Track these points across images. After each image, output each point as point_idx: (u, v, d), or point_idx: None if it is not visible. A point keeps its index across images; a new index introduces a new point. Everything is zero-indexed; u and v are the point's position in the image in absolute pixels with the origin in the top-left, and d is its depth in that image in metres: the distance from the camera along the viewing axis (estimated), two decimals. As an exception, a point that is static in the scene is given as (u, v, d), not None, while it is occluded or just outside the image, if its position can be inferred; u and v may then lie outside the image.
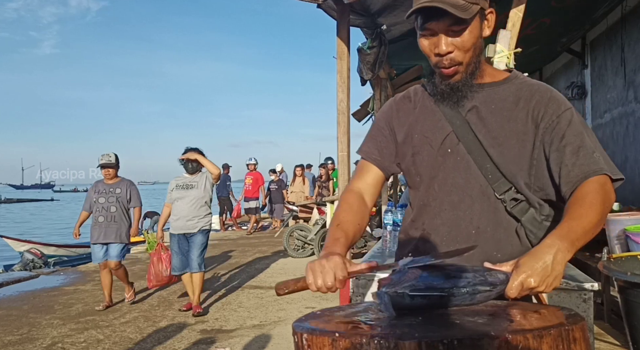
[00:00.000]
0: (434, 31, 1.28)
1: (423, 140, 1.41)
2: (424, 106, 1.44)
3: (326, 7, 3.72)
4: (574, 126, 1.29)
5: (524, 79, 1.40)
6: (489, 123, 1.34)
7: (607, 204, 1.21)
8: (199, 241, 5.36)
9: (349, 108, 3.79)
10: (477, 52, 1.32)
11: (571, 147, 1.26)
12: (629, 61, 6.86)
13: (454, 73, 1.32)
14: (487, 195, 1.33)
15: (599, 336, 3.87)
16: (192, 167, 5.42)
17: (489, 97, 1.36)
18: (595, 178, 1.23)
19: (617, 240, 3.80)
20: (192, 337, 4.53)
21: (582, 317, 1.00)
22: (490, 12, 1.33)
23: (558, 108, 1.31)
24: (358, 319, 1.10)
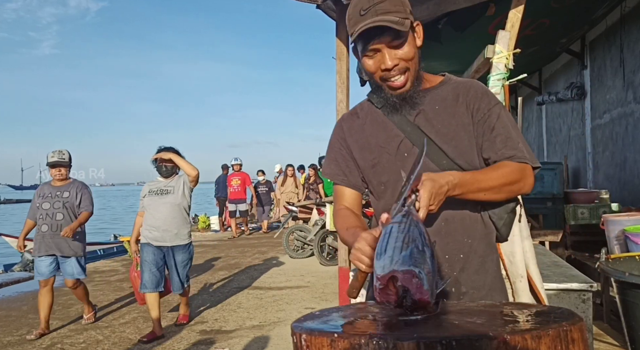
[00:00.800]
0: (377, 49, 1.38)
1: (380, 151, 1.50)
2: (373, 120, 1.53)
3: (325, 8, 3.72)
4: (502, 119, 1.43)
5: (457, 79, 1.53)
6: (437, 122, 1.45)
7: (517, 181, 1.37)
8: (181, 260, 4.69)
9: (348, 108, 3.79)
10: (418, 61, 1.43)
11: (500, 138, 1.41)
12: (628, 62, 6.87)
13: (404, 82, 1.41)
14: None
15: (598, 336, 3.87)
16: (166, 170, 4.71)
17: (432, 99, 1.47)
18: (518, 164, 1.39)
19: (617, 240, 3.80)
20: (192, 337, 4.53)
21: (581, 317, 1.00)
22: (417, 24, 1.44)
23: (489, 103, 1.45)
24: (357, 320, 1.10)
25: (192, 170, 4.64)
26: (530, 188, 1.41)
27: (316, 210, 8.88)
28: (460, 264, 1.41)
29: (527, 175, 1.40)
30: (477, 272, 1.43)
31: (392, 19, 1.33)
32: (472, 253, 1.43)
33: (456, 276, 1.40)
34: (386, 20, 1.33)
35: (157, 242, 4.59)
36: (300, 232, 8.82)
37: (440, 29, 4.86)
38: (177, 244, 4.65)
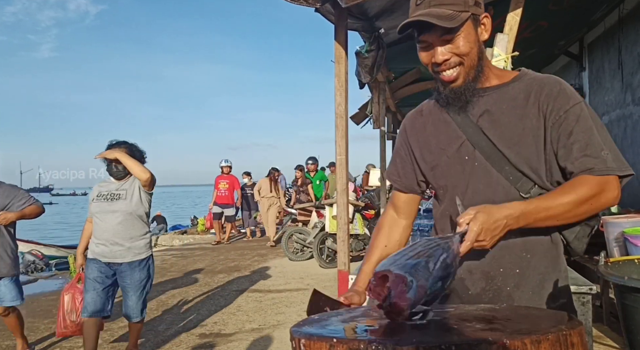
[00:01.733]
0: (429, 43, 1.32)
1: (439, 153, 1.43)
2: (437, 119, 1.45)
3: (324, 11, 3.73)
4: (583, 122, 1.27)
5: (534, 75, 1.39)
6: (502, 124, 1.33)
7: (595, 200, 1.23)
8: (137, 279, 3.79)
9: (347, 111, 3.79)
10: (477, 56, 1.33)
11: (579, 144, 1.26)
12: (626, 64, 6.88)
13: (455, 78, 1.33)
14: (511, 196, 1.31)
15: (598, 339, 3.86)
16: (117, 171, 3.81)
17: (499, 98, 1.36)
18: (597, 177, 1.23)
19: (616, 242, 3.80)
20: (191, 341, 4.52)
21: (580, 321, 1.00)
22: (485, 16, 1.34)
23: (566, 102, 1.29)
24: (356, 324, 1.10)
25: (142, 173, 3.71)
26: (614, 201, 1.27)
27: (315, 212, 8.87)
28: (514, 280, 1.32)
29: (609, 188, 1.25)
30: (534, 291, 1.33)
31: (443, 12, 1.25)
32: (530, 269, 1.32)
33: (509, 292, 1.33)
34: (433, 16, 1.25)
35: (105, 258, 3.74)
36: (300, 235, 8.81)
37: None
38: (131, 260, 3.76)
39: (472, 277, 1.36)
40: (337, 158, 3.80)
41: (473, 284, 1.37)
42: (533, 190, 1.31)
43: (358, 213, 8.12)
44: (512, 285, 1.32)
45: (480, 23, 1.33)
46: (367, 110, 7.48)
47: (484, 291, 1.34)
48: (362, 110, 8.18)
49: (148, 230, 3.94)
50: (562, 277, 1.36)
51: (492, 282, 1.34)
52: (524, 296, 1.31)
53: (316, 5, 3.56)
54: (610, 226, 3.89)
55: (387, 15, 4.35)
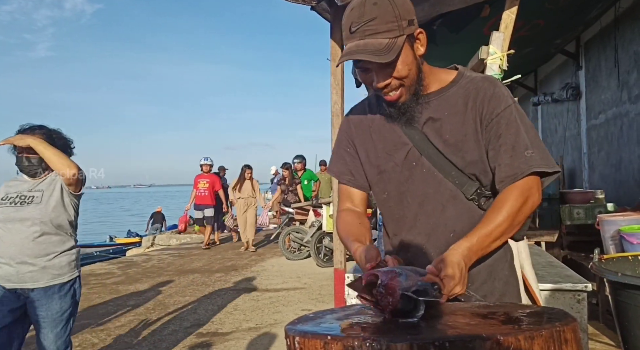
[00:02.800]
0: (367, 68, 1.32)
1: (387, 158, 1.45)
2: (382, 123, 1.47)
3: (320, 9, 3.72)
4: (511, 125, 1.33)
5: (470, 76, 1.42)
6: (445, 131, 1.38)
7: (524, 207, 1.30)
8: (56, 311, 2.81)
9: (343, 110, 3.79)
10: (416, 72, 1.35)
11: (505, 146, 1.32)
12: (622, 62, 6.89)
13: (398, 97, 1.35)
14: (458, 199, 1.39)
15: (594, 336, 3.88)
16: (30, 165, 2.80)
17: (440, 104, 1.39)
18: (522, 182, 1.30)
19: (612, 240, 3.81)
20: (188, 340, 4.52)
21: (574, 318, 1.00)
22: (420, 32, 1.35)
23: (498, 106, 1.34)
24: (350, 322, 1.10)
25: (66, 167, 2.75)
26: (539, 200, 1.33)
27: (312, 211, 8.88)
28: (469, 277, 1.33)
29: (533, 192, 1.31)
30: (485, 281, 1.39)
31: (379, 44, 1.25)
32: (480, 264, 1.36)
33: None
34: (368, 51, 1.25)
35: (10, 282, 2.70)
36: (297, 234, 8.81)
37: (435, 30, 4.87)
38: (47, 285, 2.76)
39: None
40: (334, 157, 3.79)
41: None
42: (477, 192, 1.38)
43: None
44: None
45: (416, 39, 1.34)
46: (364, 109, 7.49)
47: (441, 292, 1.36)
48: (359, 109, 8.18)
49: (73, 245, 2.95)
50: (508, 260, 1.44)
51: None
52: (478, 288, 1.37)
53: (312, 4, 3.56)
54: (607, 224, 3.91)
55: (384, 13, 4.34)
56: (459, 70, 1.44)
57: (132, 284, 7.12)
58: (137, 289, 6.80)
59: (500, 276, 1.41)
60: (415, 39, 1.34)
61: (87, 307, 5.84)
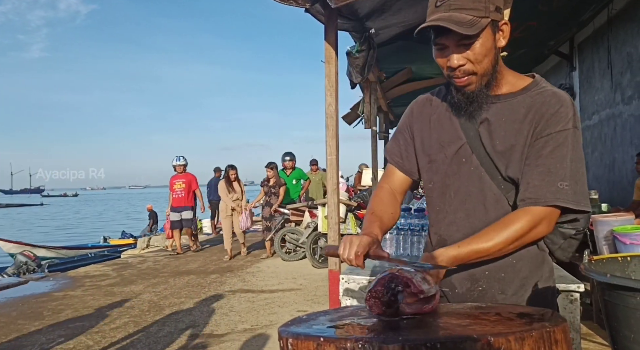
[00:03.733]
0: (445, 46, 1.31)
1: (439, 148, 1.44)
2: (442, 113, 1.46)
3: (314, 12, 3.72)
4: (560, 149, 1.28)
5: (544, 88, 1.37)
6: (497, 136, 1.35)
7: (528, 236, 1.28)
8: None
9: (337, 112, 3.80)
10: (492, 63, 1.32)
11: (542, 168, 1.28)
12: (615, 63, 6.93)
13: (467, 84, 1.33)
14: (501, 204, 1.37)
15: (588, 336, 3.90)
16: None
17: (502, 109, 1.36)
18: (539, 209, 1.27)
19: (605, 241, 3.83)
20: (183, 342, 4.51)
21: (564, 318, 1.01)
22: (505, 23, 1.33)
23: (555, 125, 1.29)
24: (343, 323, 1.11)
25: None
26: (542, 234, 1.30)
27: (308, 212, 8.88)
28: (499, 285, 1.36)
29: (543, 223, 1.28)
30: (516, 293, 1.37)
31: (463, 18, 1.24)
32: (514, 274, 1.36)
33: (492, 295, 1.36)
34: (452, 21, 1.23)
35: None
36: (293, 235, 8.81)
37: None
38: None
39: (459, 276, 1.40)
40: (328, 158, 3.80)
41: (459, 283, 1.40)
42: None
43: (351, 213, 8.13)
44: (497, 288, 1.36)
45: (499, 29, 1.32)
46: (359, 111, 7.49)
47: (469, 291, 1.38)
48: (353, 111, 8.20)
49: None
50: (543, 279, 1.39)
51: (477, 284, 1.37)
52: (506, 299, 1.35)
53: (306, 6, 3.56)
54: (600, 225, 3.92)
55: (378, 15, 4.36)
56: (535, 79, 1.40)
57: (127, 286, 7.11)
58: (132, 290, 6.78)
59: (529, 290, 1.38)
60: (499, 28, 1.32)
61: (81, 309, 5.82)
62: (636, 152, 5.70)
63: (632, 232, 3.56)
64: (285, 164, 9.98)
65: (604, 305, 1.05)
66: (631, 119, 6.62)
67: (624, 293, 1.01)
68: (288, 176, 9.90)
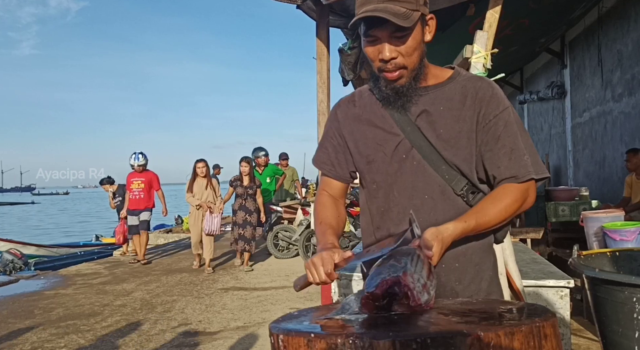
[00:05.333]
0: (378, 38, 1.31)
1: (376, 148, 1.43)
2: (372, 112, 1.46)
3: (305, 8, 3.72)
4: (509, 127, 1.35)
5: (467, 75, 1.43)
6: (439, 126, 1.37)
7: (519, 206, 1.35)
8: None
9: (329, 108, 3.80)
10: (420, 57, 1.35)
11: (505, 149, 1.34)
12: (606, 61, 6.98)
13: (399, 77, 1.34)
14: (447, 194, 1.39)
15: (578, 332, 3.93)
16: None
17: (436, 98, 1.38)
18: (520, 185, 1.34)
19: (595, 237, 3.86)
20: (175, 340, 4.50)
21: (554, 313, 1.02)
22: (431, 18, 1.36)
23: (497, 107, 1.36)
24: (334, 319, 1.11)
25: None
26: (531, 204, 1.38)
27: (301, 210, 8.88)
28: (455, 275, 1.39)
29: (529, 194, 1.36)
30: (472, 280, 1.40)
31: (397, 10, 1.25)
32: (467, 262, 1.39)
33: (452, 287, 1.38)
34: (388, 12, 1.24)
35: None
36: (285, 232, 8.81)
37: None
38: None
39: None
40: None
41: None
42: (466, 188, 1.39)
43: (343, 210, 8.13)
44: (454, 280, 1.38)
45: (427, 23, 1.36)
46: (351, 108, 7.49)
47: None
48: (346, 108, 8.19)
49: None
50: (492, 260, 1.45)
51: (436, 278, 1.37)
52: (464, 288, 1.39)
53: (297, 2, 3.56)
54: (590, 221, 3.96)
55: (370, 12, 4.36)
56: (455, 69, 1.45)
57: (119, 284, 7.08)
58: (124, 288, 6.75)
59: (486, 276, 1.42)
60: (426, 22, 1.35)
61: (73, 308, 5.79)
62: (626, 149, 5.75)
63: (622, 229, 3.59)
64: (259, 160, 8.97)
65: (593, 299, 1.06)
66: (621, 116, 6.67)
67: (612, 287, 1.02)
68: (261, 174, 8.97)
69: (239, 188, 7.73)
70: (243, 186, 7.73)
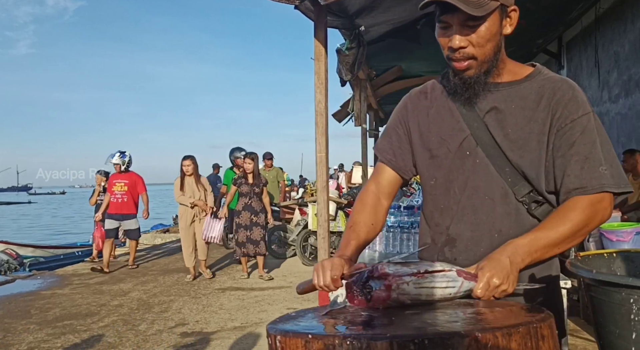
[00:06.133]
0: (450, 24, 1.25)
1: (440, 142, 1.37)
2: (441, 105, 1.39)
3: (303, 9, 3.72)
4: (587, 134, 1.24)
5: (548, 75, 1.33)
6: (508, 125, 1.29)
7: (590, 223, 1.22)
8: None
9: (326, 109, 3.80)
10: (494, 50, 1.27)
11: (578, 157, 1.23)
12: (603, 62, 7.00)
13: (467, 68, 1.28)
14: (508, 198, 1.31)
15: (575, 332, 3.94)
16: None
17: (509, 96, 1.31)
18: (591, 196, 1.22)
19: (592, 238, 3.87)
20: (172, 340, 4.49)
21: (551, 314, 1.02)
22: (513, 9, 1.28)
23: (576, 111, 1.25)
24: (331, 320, 1.11)
25: None
26: (606, 219, 1.24)
27: (298, 210, 8.88)
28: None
29: (601, 207, 1.22)
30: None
31: None
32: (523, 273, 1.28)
33: None
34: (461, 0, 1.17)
35: None
36: (283, 232, 8.80)
37: (419, 30, 4.90)
38: None
39: None
40: (317, 155, 3.80)
41: None
42: (529, 195, 1.30)
43: (341, 210, 8.14)
44: None
45: (507, 15, 1.27)
46: (349, 108, 7.51)
47: None
48: (343, 108, 8.21)
49: None
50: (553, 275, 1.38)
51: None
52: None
53: (295, 3, 3.56)
54: (587, 222, 3.96)
55: (367, 13, 4.37)
56: (537, 67, 1.35)
57: (116, 284, 7.06)
58: (121, 288, 6.74)
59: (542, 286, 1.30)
60: (507, 14, 1.27)
61: (69, 308, 5.78)
62: (623, 150, 5.76)
63: (619, 229, 3.60)
64: (239, 161, 8.17)
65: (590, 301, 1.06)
66: (618, 117, 6.69)
67: (609, 289, 1.02)
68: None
69: (244, 186, 7.00)
70: (248, 184, 6.99)
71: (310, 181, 11.18)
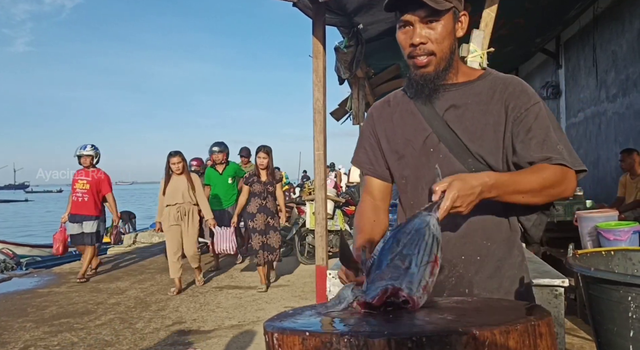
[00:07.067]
0: (410, 22, 1.34)
1: (406, 143, 1.47)
2: (404, 110, 1.49)
3: (302, 6, 3.71)
4: (541, 120, 1.34)
5: (498, 74, 1.46)
6: (466, 119, 1.39)
7: (557, 186, 1.29)
8: None
9: (325, 107, 3.79)
10: (451, 48, 1.38)
11: (536, 140, 1.33)
12: (600, 62, 7.01)
13: (427, 64, 1.37)
14: None
15: (572, 331, 3.94)
16: None
17: (465, 93, 1.41)
18: (557, 166, 1.30)
19: (589, 237, 3.88)
20: (169, 338, 4.48)
21: (549, 312, 1.02)
22: (464, 14, 1.40)
23: (528, 101, 1.36)
24: (329, 318, 1.10)
25: None
26: (572, 192, 1.33)
27: (296, 208, 8.87)
28: (475, 267, 1.38)
29: (569, 178, 1.31)
30: (491, 276, 1.39)
31: None
32: (489, 256, 1.39)
33: (470, 278, 1.38)
34: None
35: None
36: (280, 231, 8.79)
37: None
38: None
39: None
40: (315, 153, 3.80)
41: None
42: None
43: (339, 209, 8.14)
44: (473, 271, 1.38)
45: (459, 19, 1.39)
46: (347, 106, 7.50)
47: (447, 278, 1.39)
48: (341, 107, 8.20)
49: None
50: (518, 261, 1.43)
51: (454, 270, 1.39)
52: (481, 281, 1.38)
53: (293, 0, 3.55)
54: (584, 221, 3.97)
55: (366, 11, 4.36)
56: (487, 69, 1.49)
57: (113, 282, 7.05)
58: (118, 287, 6.73)
59: (507, 274, 1.40)
60: (458, 18, 1.39)
61: (66, 306, 5.77)
62: (620, 149, 5.77)
63: (616, 228, 3.61)
64: (214, 157, 7.53)
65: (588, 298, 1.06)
66: (615, 116, 6.70)
67: (607, 286, 1.02)
68: (221, 174, 7.62)
69: (256, 185, 6.13)
70: (261, 182, 6.13)
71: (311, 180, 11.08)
